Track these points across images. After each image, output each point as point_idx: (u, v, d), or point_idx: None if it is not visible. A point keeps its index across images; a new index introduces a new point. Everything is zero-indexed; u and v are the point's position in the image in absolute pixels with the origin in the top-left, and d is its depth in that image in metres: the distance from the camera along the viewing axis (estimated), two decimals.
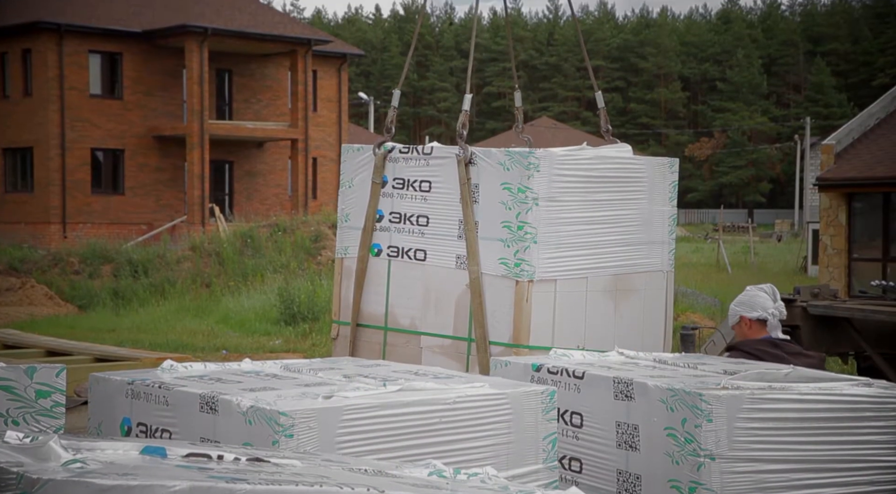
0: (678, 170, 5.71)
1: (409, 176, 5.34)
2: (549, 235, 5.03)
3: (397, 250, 5.36)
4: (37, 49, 31.08)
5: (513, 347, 4.95)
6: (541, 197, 4.99)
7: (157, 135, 32.39)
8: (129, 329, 15.52)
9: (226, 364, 3.80)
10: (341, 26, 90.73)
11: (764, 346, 4.60)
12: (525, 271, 4.96)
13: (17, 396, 3.20)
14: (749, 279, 23.31)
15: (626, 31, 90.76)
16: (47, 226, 30.88)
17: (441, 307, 5.19)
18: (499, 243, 4.99)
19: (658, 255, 5.55)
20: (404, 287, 5.33)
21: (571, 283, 5.15)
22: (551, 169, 5.04)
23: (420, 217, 5.28)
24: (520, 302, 4.93)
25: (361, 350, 5.47)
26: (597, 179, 5.27)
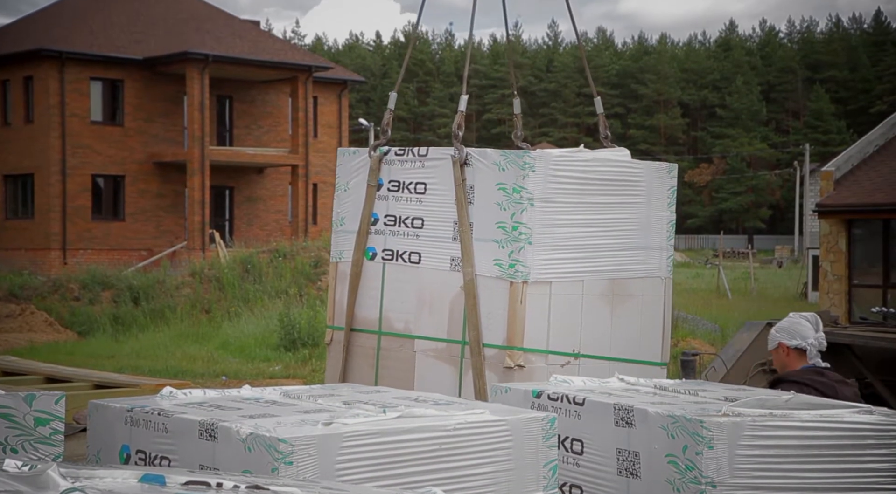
0: (677, 176, 5.66)
1: (405, 178, 5.29)
2: (543, 236, 4.97)
3: (392, 253, 5.30)
4: (38, 76, 31.22)
5: (507, 349, 4.90)
6: (536, 197, 4.94)
7: (157, 161, 32.47)
8: (129, 355, 15.49)
9: (225, 390, 3.79)
10: (342, 53, 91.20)
11: (811, 376, 4.55)
12: (519, 272, 4.91)
13: (15, 424, 3.19)
14: (749, 305, 23.30)
15: (625, 58, 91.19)
16: (47, 252, 30.89)
17: (435, 310, 5.14)
18: (493, 244, 4.95)
19: (656, 261, 5.48)
20: (399, 290, 5.27)
21: (567, 286, 5.08)
22: (546, 169, 4.99)
23: (415, 219, 5.22)
24: (514, 304, 4.88)
25: (355, 355, 5.40)
26: (593, 181, 5.21)
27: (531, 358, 4.96)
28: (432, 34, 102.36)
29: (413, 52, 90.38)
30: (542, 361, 5.01)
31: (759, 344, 7.76)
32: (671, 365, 12.29)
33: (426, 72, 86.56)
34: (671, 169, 5.67)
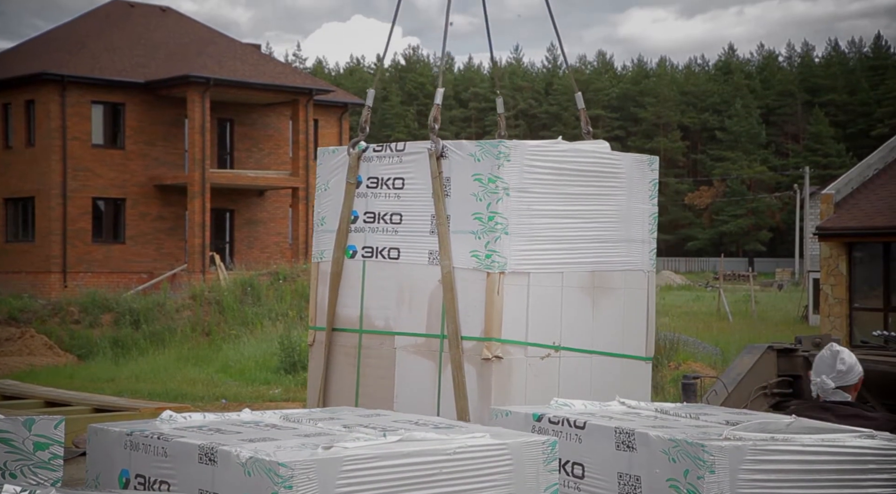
0: (658, 169, 5.61)
1: (383, 174, 5.27)
2: (521, 227, 4.93)
3: (372, 250, 5.27)
4: (40, 100, 31.33)
5: (484, 341, 4.84)
6: (511, 187, 4.90)
7: (158, 184, 32.52)
8: (129, 378, 15.45)
9: (225, 414, 3.78)
10: (342, 76, 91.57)
11: (813, 411, 4.51)
12: (496, 262, 4.87)
13: (14, 448, 3.18)
14: (750, 328, 23.26)
15: (624, 81, 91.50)
16: (48, 275, 30.87)
17: (414, 305, 5.09)
18: (470, 235, 4.91)
19: (638, 254, 5.43)
20: (379, 287, 5.23)
21: (546, 277, 5.02)
22: (522, 159, 4.96)
23: (393, 215, 5.20)
24: (491, 295, 4.83)
25: (337, 355, 5.35)
26: (571, 172, 5.16)
27: (510, 350, 4.90)
28: (433, 57, 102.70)
29: (413, 75, 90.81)
30: (522, 353, 4.95)
31: (760, 367, 7.74)
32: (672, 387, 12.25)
33: (426, 95, 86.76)
34: (652, 161, 5.63)
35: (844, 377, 4.60)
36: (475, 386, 4.82)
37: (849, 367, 4.61)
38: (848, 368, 4.61)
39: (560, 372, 5.09)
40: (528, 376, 4.93)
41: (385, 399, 5.10)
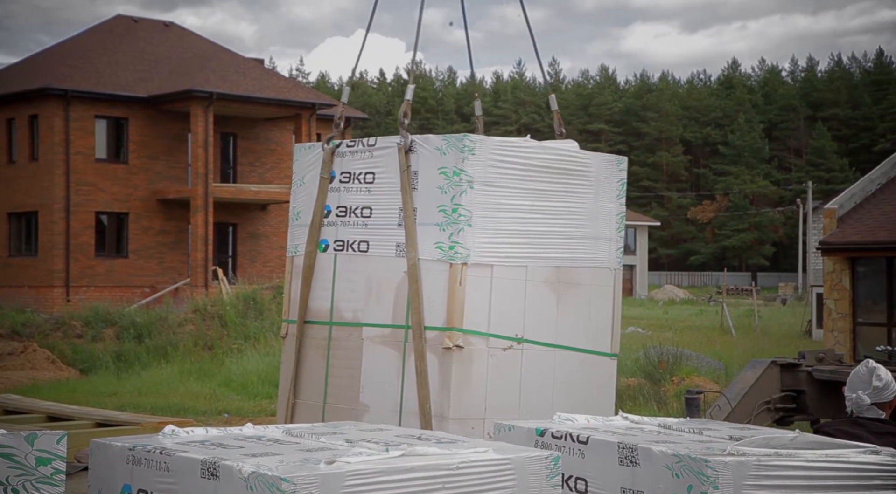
0: (626, 169, 5.65)
1: (355, 169, 5.36)
2: (485, 219, 4.99)
3: (343, 244, 5.36)
4: (44, 115, 31.42)
5: (446, 331, 4.90)
6: (476, 180, 4.97)
7: (161, 199, 32.57)
8: (131, 392, 15.43)
9: (227, 428, 3.78)
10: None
11: (846, 427, 4.49)
12: (459, 254, 4.94)
13: (17, 463, 3.18)
14: (753, 342, 23.22)
15: (627, 96, 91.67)
16: (51, 289, 30.89)
17: (381, 297, 5.17)
18: (435, 227, 4.98)
19: (604, 252, 5.48)
20: (348, 280, 5.31)
21: (510, 270, 5.07)
22: (487, 153, 5.03)
23: (364, 208, 5.28)
24: (453, 286, 4.90)
25: (308, 347, 5.42)
26: (538, 168, 5.23)
27: (471, 340, 4.96)
28: (435, 72, 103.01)
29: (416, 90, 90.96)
30: (484, 344, 5.00)
31: (763, 382, 7.72)
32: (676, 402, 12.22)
33: (428, 109, 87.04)
34: (621, 161, 5.68)
35: (881, 393, 4.57)
36: (436, 374, 4.90)
37: (885, 384, 4.59)
38: (884, 385, 4.59)
39: (523, 364, 5.13)
40: (489, 367, 4.99)
41: (352, 389, 5.18)
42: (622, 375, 14.57)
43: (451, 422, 4.86)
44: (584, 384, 5.35)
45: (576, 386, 5.33)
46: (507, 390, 5.04)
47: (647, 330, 27.20)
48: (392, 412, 5.03)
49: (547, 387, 5.22)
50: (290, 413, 5.48)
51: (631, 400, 12.63)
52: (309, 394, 5.38)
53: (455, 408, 4.88)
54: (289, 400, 5.52)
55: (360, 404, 5.18)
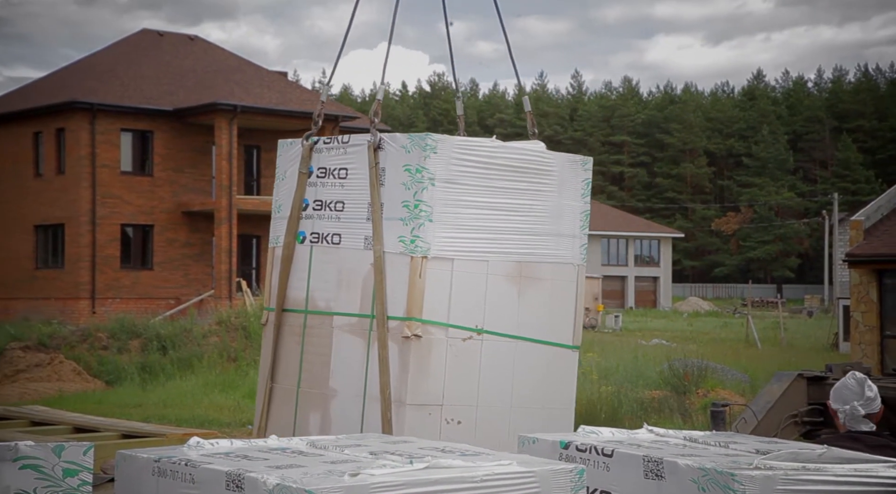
0: (591, 169, 5.79)
1: (330, 164, 5.59)
2: (446, 215, 5.18)
3: (318, 236, 5.59)
4: (70, 128, 31.72)
5: (406, 321, 5.09)
6: (437, 177, 5.16)
7: (185, 211, 32.78)
8: (156, 404, 15.51)
9: (252, 440, 3.79)
10: (368, 103, 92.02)
11: (843, 442, 4.44)
12: (419, 248, 5.13)
13: (44, 475, 3.20)
14: (779, 355, 23.05)
15: (650, 107, 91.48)
16: (77, 301, 31.12)
17: (350, 287, 5.39)
18: (399, 222, 5.19)
19: (567, 248, 5.64)
20: (322, 271, 5.54)
21: (470, 264, 5.26)
22: (450, 152, 5.22)
23: (337, 202, 5.50)
24: (413, 278, 5.09)
25: (285, 334, 5.67)
26: (500, 167, 5.39)
27: (431, 330, 5.14)
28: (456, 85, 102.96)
29: (438, 102, 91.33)
30: (443, 334, 5.19)
31: (790, 395, 7.66)
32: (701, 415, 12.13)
33: (450, 121, 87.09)
34: (586, 162, 5.82)
35: (871, 404, 4.55)
36: (396, 362, 5.10)
37: (875, 394, 4.57)
38: (875, 394, 4.56)
39: (482, 353, 5.32)
40: (448, 355, 5.18)
41: (323, 374, 5.42)
42: (647, 388, 14.50)
43: (408, 408, 5.06)
44: (545, 374, 5.54)
45: (536, 376, 5.51)
46: (466, 378, 5.24)
47: (671, 343, 27.07)
48: (357, 397, 5.25)
49: (506, 376, 5.40)
50: (267, 396, 5.71)
51: (656, 413, 12.57)
52: (285, 379, 5.64)
53: (412, 395, 5.08)
54: (267, 384, 5.75)
55: (330, 389, 5.40)
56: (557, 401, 5.58)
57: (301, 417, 5.53)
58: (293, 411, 5.57)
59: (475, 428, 5.22)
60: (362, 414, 5.22)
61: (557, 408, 5.59)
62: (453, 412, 5.19)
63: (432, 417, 5.11)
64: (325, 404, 5.40)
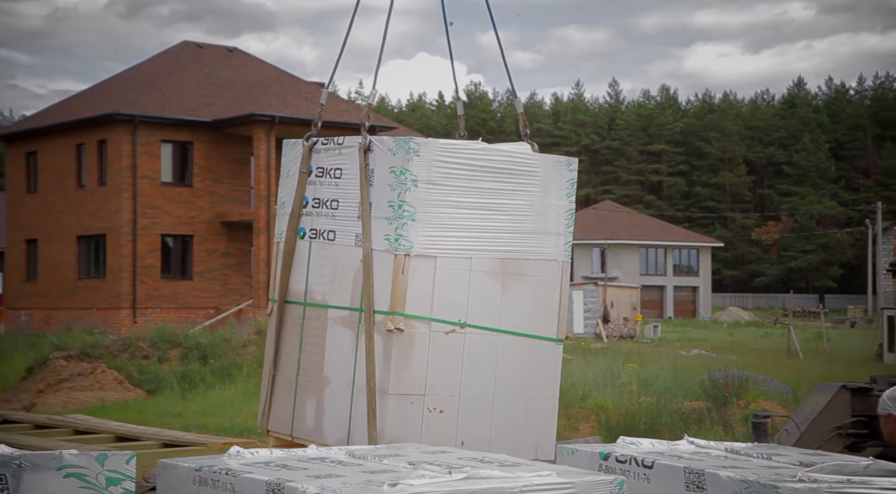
0: (577, 170, 5.93)
1: (327, 164, 5.87)
2: (428, 215, 5.41)
3: (316, 232, 5.87)
4: (112, 139, 32.13)
5: (389, 315, 5.34)
6: (420, 179, 5.39)
7: (224, 221, 33.05)
8: (196, 413, 15.61)
9: (291, 450, 3.80)
10: (405, 113, 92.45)
11: None
12: (402, 246, 5.37)
13: (88, 483, 3.23)
14: (822, 366, 22.75)
15: (689, 116, 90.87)
16: (118, 311, 31.46)
17: (343, 282, 5.66)
18: (385, 221, 5.44)
19: (552, 246, 5.80)
20: (319, 265, 5.83)
21: (453, 261, 5.49)
22: (432, 154, 5.45)
23: (333, 201, 5.77)
24: (397, 274, 5.34)
25: (287, 325, 5.97)
26: (482, 168, 5.59)
27: (413, 324, 5.38)
28: (493, 93, 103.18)
29: (475, 112, 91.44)
30: (426, 328, 5.42)
31: (833, 407, 7.55)
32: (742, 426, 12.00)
33: (488, 130, 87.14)
34: (571, 162, 5.97)
35: None
36: (381, 354, 5.36)
37: None
38: None
39: (465, 346, 5.53)
40: (431, 348, 5.41)
41: (318, 363, 5.72)
42: (687, 398, 14.36)
43: (390, 397, 5.31)
44: (528, 365, 5.72)
45: (519, 368, 5.69)
46: (449, 369, 5.46)
47: (711, 353, 26.82)
48: (347, 386, 5.52)
49: (489, 368, 5.60)
50: (271, 383, 6.02)
51: (696, 424, 12.44)
52: (286, 367, 5.94)
53: (395, 384, 5.32)
54: (270, 372, 6.05)
55: (324, 377, 5.68)
56: (541, 391, 5.76)
57: (299, 404, 5.82)
58: (293, 397, 5.86)
59: (458, 417, 5.46)
60: (351, 403, 5.48)
61: (541, 398, 5.77)
62: (436, 401, 5.41)
63: (415, 406, 5.35)
64: (320, 392, 5.67)
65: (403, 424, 5.30)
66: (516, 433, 5.64)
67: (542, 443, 5.72)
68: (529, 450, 5.62)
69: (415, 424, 5.30)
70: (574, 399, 13.98)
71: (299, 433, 5.80)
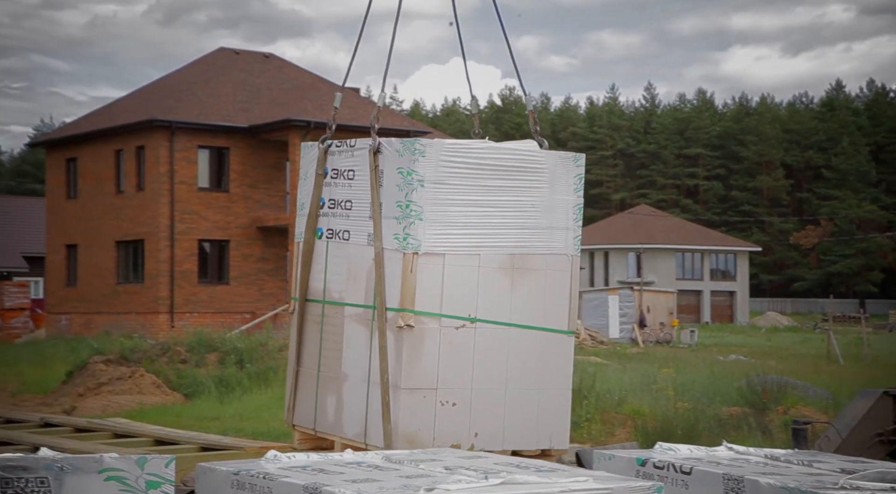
0: (584, 165, 6.00)
1: (341, 166, 6.01)
2: (435, 214, 5.53)
3: (332, 232, 6.03)
4: (150, 146, 32.46)
5: (400, 312, 5.48)
6: (427, 179, 5.51)
7: (260, 226, 33.26)
8: (233, 417, 15.70)
9: (328, 454, 3.82)
10: (439, 118, 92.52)
11: None
12: (410, 244, 5.50)
13: (128, 486, 3.26)
14: (863, 372, 22.45)
15: (725, 119, 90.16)
16: (156, 315, 31.75)
17: (357, 280, 5.80)
18: (394, 220, 5.57)
19: (561, 240, 5.88)
20: (336, 264, 6.00)
21: (461, 259, 5.59)
22: (438, 155, 5.56)
23: (347, 202, 5.92)
24: (405, 272, 5.48)
25: (308, 322, 6.15)
26: (489, 167, 5.68)
27: (423, 320, 5.51)
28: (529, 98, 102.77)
29: (510, 116, 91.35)
30: (436, 323, 5.54)
31: (875, 413, 7.45)
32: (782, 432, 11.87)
33: (523, 134, 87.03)
34: (578, 158, 6.05)
35: None
36: (393, 350, 5.49)
37: None
38: None
39: (476, 340, 5.62)
40: (441, 343, 5.52)
41: (336, 360, 5.88)
42: (724, 404, 14.23)
43: (402, 391, 5.43)
44: (540, 357, 5.79)
45: (531, 360, 5.77)
46: (460, 363, 5.56)
47: (749, 358, 26.57)
48: (363, 381, 5.65)
49: (501, 361, 5.68)
50: (294, 379, 6.16)
51: (734, 430, 12.33)
52: (308, 363, 6.09)
53: (406, 379, 5.44)
54: (294, 368, 6.19)
55: (342, 373, 5.83)
56: (553, 383, 5.83)
57: (321, 399, 5.96)
58: (315, 393, 6.01)
59: (471, 409, 5.56)
60: (367, 398, 5.61)
61: (553, 389, 5.84)
62: (448, 394, 5.52)
63: (427, 400, 5.48)
64: (339, 387, 5.82)
65: (416, 417, 5.42)
66: (530, 423, 5.72)
67: (556, 434, 5.81)
68: (544, 440, 5.74)
69: (428, 417, 5.43)
70: (610, 404, 13.91)
71: (321, 427, 5.93)
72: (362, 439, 5.58)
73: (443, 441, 5.36)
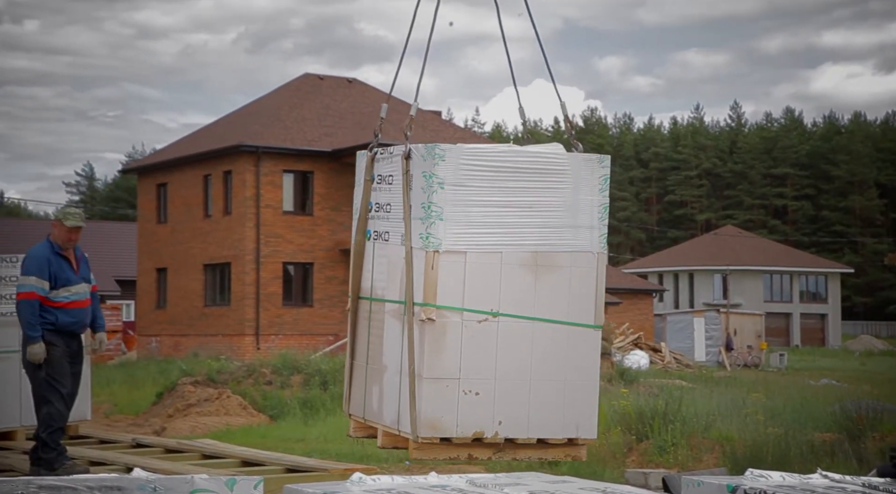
0: (609, 166, 6.12)
1: (384, 172, 6.41)
2: (456, 214, 5.82)
3: (377, 234, 6.40)
4: (237, 170, 33.13)
5: (423, 306, 5.78)
6: (447, 182, 5.82)
7: (343, 249, 33.60)
8: (317, 439, 15.81)
9: (412, 477, 3.81)
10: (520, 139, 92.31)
11: None
12: (432, 243, 5.78)
13: None
14: None
15: (814, 138, 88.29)
16: (242, 337, 32.28)
17: (394, 277, 6.13)
18: (419, 221, 5.87)
19: (585, 238, 6.03)
20: (379, 264, 6.36)
21: (483, 256, 5.86)
22: (458, 159, 5.87)
23: (387, 205, 6.29)
24: (427, 270, 5.78)
25: (361, 318, 6.50)
26: (510, 170, 5.92)
27: (445, 314, 5.78)
28: (612, 119, 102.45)
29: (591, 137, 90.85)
30: (458, 317, 5.80)
31: None
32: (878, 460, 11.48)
33: None
34: (602, 159, 6.16)
35: None
36: (418, 341, 5.79)
37: None
38: None
39: (499, 334, 5.84)
40: (463, 336, 5.78)
41: (379, 352, 6.23)
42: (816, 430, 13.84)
43: (425, 381, 5.73)
44: (565, 351, 5.94)
45: (556, 352, 5.92)
46: (483, 354, 5.79)
47: (842, 383, 25.83)
48: (397, 372, 5.97)
49: (524, 353, 5.87)
50: (349, 372, 6.56)
51: (828, 457, 11.97)
52: (359, 357, 6.47)
53: (429, 369, 5.72)
54: (349, 362, 6.57)
55: (383, 364, 6.16)
56: (579, 374, 5.97)
57: (368, 389, 6.32)
58: (364, 384, 6.40)
59: (494, 398, 5.79)
60: (399, 387, 5.93)
61: (579, 380, 5.97)
62: (471, 384, 5.77)
63: (449, 389, 5.75)
64: (381, 378, 6.17)
65: (439, 405, 5.72)
66: (556, 412, 5.89)
67: (582, 423, 5.94)
68: (570, 429, 5.91)
69: (451, 405, 5.73)
70: (697, 428, 13.63)
71: (369, 415, 6.30)
72: (396, 425, 5.94)
73: (466, 429, 5.70)
